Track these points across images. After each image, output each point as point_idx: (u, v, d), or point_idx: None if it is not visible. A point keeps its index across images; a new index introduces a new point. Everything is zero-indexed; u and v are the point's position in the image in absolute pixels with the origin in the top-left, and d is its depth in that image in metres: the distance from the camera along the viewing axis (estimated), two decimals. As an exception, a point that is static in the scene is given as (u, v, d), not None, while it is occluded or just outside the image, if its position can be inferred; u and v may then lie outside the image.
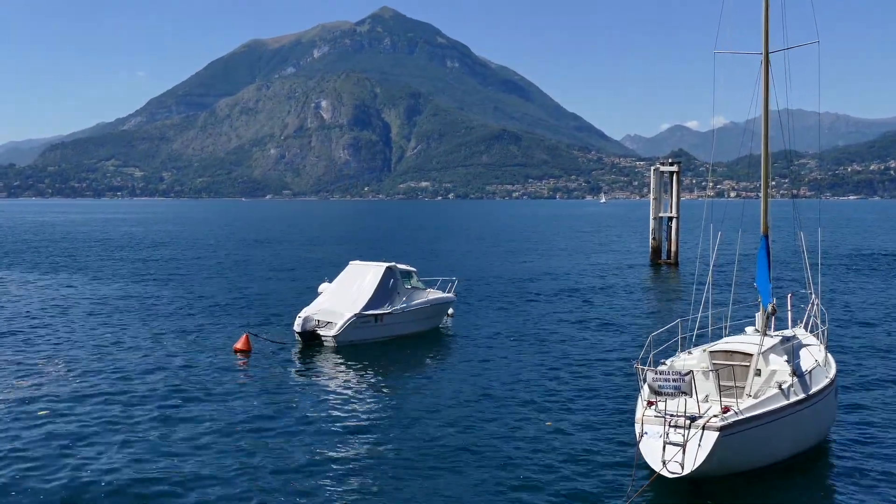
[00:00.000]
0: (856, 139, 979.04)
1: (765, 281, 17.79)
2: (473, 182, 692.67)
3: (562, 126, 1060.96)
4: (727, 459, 13.97)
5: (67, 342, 27.75)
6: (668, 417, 14.10)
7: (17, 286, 45.00)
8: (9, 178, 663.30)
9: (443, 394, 21.14)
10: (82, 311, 35.34)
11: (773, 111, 18.43)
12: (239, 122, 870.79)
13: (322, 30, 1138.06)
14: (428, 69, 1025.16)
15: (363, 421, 18.60)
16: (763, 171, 18.40)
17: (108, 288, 44.15)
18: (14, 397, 20.11)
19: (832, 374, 16.85)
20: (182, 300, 39.09)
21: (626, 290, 44.94)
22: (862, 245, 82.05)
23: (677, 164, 59.71)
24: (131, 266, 58.30)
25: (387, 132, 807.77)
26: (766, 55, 18.17)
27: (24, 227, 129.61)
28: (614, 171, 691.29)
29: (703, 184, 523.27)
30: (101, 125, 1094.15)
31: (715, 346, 17.36)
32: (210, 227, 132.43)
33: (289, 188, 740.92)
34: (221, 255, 69.44)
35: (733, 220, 21.30)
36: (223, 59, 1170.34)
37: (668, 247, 58.66)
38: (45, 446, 16.44)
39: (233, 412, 19.06)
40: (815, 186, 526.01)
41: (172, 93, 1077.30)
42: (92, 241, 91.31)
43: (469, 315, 34.81)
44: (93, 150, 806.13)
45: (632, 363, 16.99)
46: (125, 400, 20.04)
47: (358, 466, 15.52)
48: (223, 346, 27.00)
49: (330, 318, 27.63)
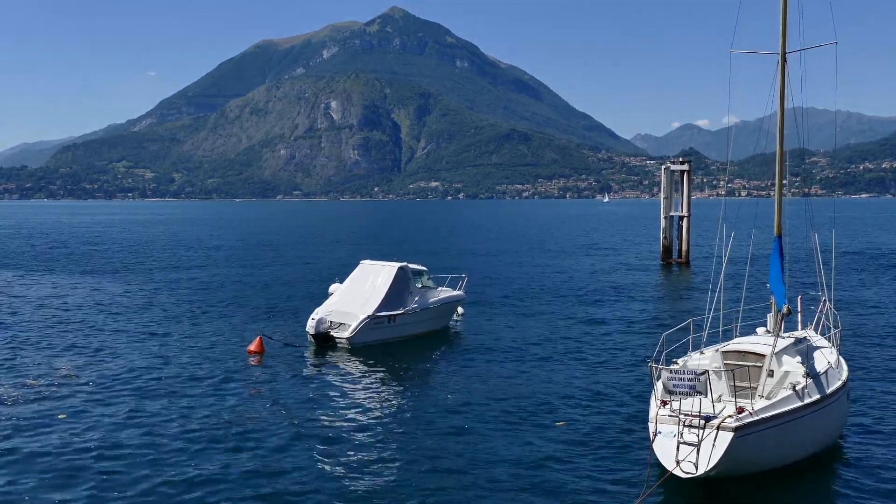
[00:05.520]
0: (868, 137, 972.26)
1: (778, 282, 17.70)
2: (483, 182, 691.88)
3: (572, 125, 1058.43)
4: (741, 460, 13.94)
5: (85, 343, 27.97)
6: (683, 417, 14.04)
7: (28, 287, 45.33)
8: (21, 179, 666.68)
9: (455, 393, 21.23)
10: (99, 312, 35.58)
11: (791, 109, 18.32)
12: (249, 122, 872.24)
13: (332, 30, 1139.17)
14: (437, 69, 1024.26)
15: (377, 422, 18.70)
16: (777, 172, 18.29)
17: (120, 289, 44.42)
18: (32, 400, 20.31)
19: (845, 376, 16.81)
20: (195, 301, 39.29)
21: (638, 289, 44.88)
22: (875, 244, 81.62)
23: (688, 162, 59.61)
24: (144, 266, 58.62)
25: (396, 132, 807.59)
26: (784, 55, 18.01)
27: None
28: (624, 170, 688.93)
29: (714, 183, 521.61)
30: (113, 126, 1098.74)
31: (728, 347, 17.31)
32: (225, 229, 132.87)
33: (299, 189, 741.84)
34: (234, 256, 69.71)
35: (747, 219, 21.29)
36: (233, 59, 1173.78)
37: (679, 246, 58.56)
38: (61, 448, 16.62)
39: (247, 413, 19.20)
40: (826, 184, 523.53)
41: (183, 94, 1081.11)
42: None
43: (479, 313, 34.88)
44: (104, 151, 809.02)
45: (644, 362, 17.07)
46: (139, 402, 20.21)
47: (372, 467, 15.61)
48: (237, 348, 27.16)
49: (343, 319, 27.71)
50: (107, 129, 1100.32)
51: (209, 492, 14.32)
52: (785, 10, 17.97)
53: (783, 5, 18.01)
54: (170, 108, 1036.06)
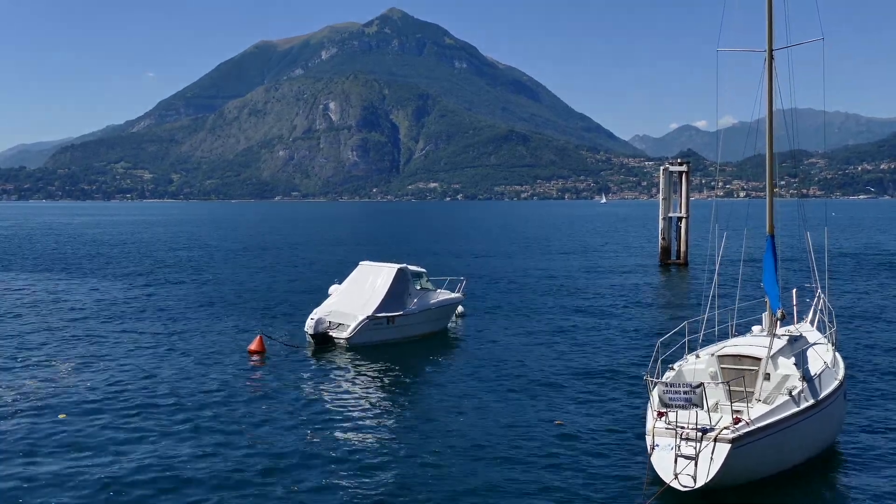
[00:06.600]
0: (866, 138, 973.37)
1: (772, 283, 17.38)
2: (482, 183, 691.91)
3: (570, 126, 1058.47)
4: (739, 471, 13.85)
5: (85, 343, 28.05)
6: (679, 430, 13.89)
7: (27, 288, 45.39)
8: (19, 180, 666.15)
9: (453, 395, 21.30)
10: (99, 312, 35.66)
11: (781, 110, 18.33)
12: (247, 123, 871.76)
13: (330, 31, 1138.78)
14: (436, 70, 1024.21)
15: (377, 422, 18.81)
16: (768, 170, 18.26)
17: (121, 290, 44.49)
18: (33, 399, 20.40)
19: (841, 376, 16.70)
20: (195, 302, 39.35)
21: (636, 290, 44.98)
22: (869, 243, 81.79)
23: (686, 164, 59.71)
24: (147, 267, 58.67)
25: (395, 133, 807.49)
26: (770, 52, 18.01)
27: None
28: (623, 171, 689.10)
29: (713, 184, 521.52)
30: (111, 127, 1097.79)
31: (723, 350, 17.16)
32: (225, 230, 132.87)
33: (297, 190, 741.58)
34: (236, 256, 69.76)
35: (741, 219, 21.32)
36: (232, 60, 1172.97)
37: (678, 247, 58.65)
38: (62, 448, 16.70)
39: (247, 413, 19.28)
40: (825, 186, 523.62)
41: (182, 95, 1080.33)
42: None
43: (478, 315, 34.97)
44: (102, 152, 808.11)
45: (641, 371, 17.00)
46: (140, 400, 20.29)
47: (370, 467, 15.70)
48: (237, 348, 27.25)
49: (342, 319, 27.79)
50: (105, 130, 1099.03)
51: (208, 491, 14.40)
52: (770, 6, 17.95)
53: (768, 3, 17.97)
54: (168, 109, 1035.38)
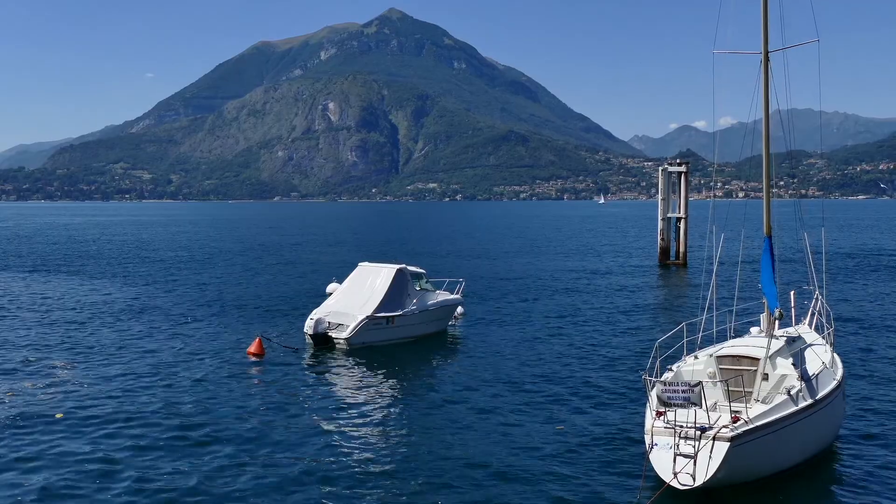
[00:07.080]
0: (865, 139, 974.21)
1: (770, 284, 17.40)
2: (481, 183, 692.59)
3: (569, 127, 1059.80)
4: (738, 469, 13.88)
5: (83, 344, 28.04)
6: (678, 428, 13.92)
7: (27, 288, 45.38)
8: (18, 181, 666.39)
9: (452, 397, 21.30)
10: (99, 312, 35.65)
11: (778, 111, 18.36)
12: (247, 124, 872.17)
13: (330, 31, 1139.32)
14: (435, 70, 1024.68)
15: (376, 422, 18.82)
16: (765, 171, 18.30)
17: (120, 291, 44.49)
18: (31, 399, 20.40)
19: (839, 376, 16.72)
20: (194, 303, 39.35)
21: (635, 291, 45.02)
22: (865, 244, 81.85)
23: (685, 164, 59.74)
24: (146, 269, 58.67)
25: (394, 134, 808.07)
26: (766, 54, 18.07)
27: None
28: (622, 171, 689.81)
29: (712, 184, 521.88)
30: (110, 128, 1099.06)
31: (721, 351, 17.17)
32: (226, 230, 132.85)
33: (296, 190, 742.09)
34: (233, 258, 69.76)
35: (739, 220, 21.33)
36: (231, 61, 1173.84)
37: (677, 247, 58.69)
38: (60, 449, 16.70)
39: (247, 415, 19.28)
40: (824, 186, 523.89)
41: (180, 95, 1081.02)
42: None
43: (477, 316, 34.98)
44: (101, 152, 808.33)
45: (639, 373, 16.98)
46: (139, 402, 20.29)
47: (371, 468, 15.71)
48: (236, 350, 27.25)
49: (342, 320, 27.78)
50: (104, 130, 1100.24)
51: (208, 491, 14.41)
52: (765, 8, 18.01)
53: (763, 4, 18.03)
54: (167, 110, 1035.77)
